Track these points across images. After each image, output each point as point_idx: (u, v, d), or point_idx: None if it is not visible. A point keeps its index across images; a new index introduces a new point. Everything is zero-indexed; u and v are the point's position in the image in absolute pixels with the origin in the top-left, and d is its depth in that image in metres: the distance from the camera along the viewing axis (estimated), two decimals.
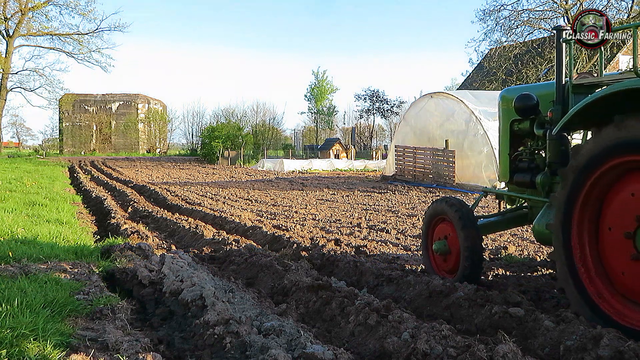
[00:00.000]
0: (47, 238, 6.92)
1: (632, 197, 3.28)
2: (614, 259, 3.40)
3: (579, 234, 3.56)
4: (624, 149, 3.22)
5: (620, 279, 3.35)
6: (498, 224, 5.29)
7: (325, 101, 61.93)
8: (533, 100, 4.56)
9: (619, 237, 3.32)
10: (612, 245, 3.40)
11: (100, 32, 47.60)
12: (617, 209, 3.39)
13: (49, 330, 3.09)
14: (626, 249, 3.25)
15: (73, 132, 59.97)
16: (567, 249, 3.60)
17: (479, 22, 33.64)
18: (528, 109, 4.58)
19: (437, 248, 5.04)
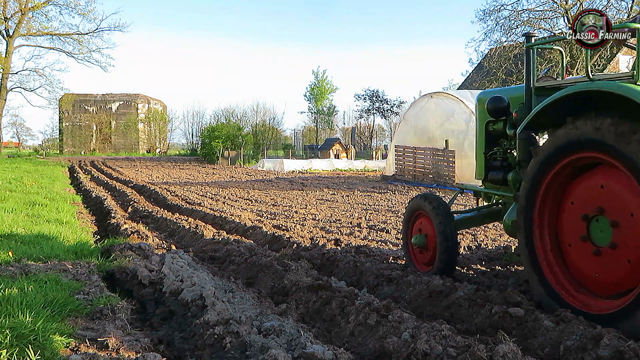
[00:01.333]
0: (47, 238, 6.91)
1: (586, 191, 3.61)
2: (572, 251, 3.69)
3: (540, 228, 3.86)
4: (576, 147, 3.54)
5: (577, 267, 3.67)
6: (474, 219, 5.59)
7: (325, 101, 61.92)
8: (504, 102, 4.80)
9: (577, 218, 3.63)
10: (570, 237, 3.70)
11: (100, 32, 47.53)
12: (572, 204, 3.71)
13: (49, 330, 3.09)
14: (579, 230, 3.59)
15: (73, 132, 59.94)
16: (529, 241, 3.90)
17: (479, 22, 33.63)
18: (500, 111, 4.83)
19: (416, 242, 5.31)
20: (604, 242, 3.48)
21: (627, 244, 3.33)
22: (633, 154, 3.20)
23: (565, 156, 3.65)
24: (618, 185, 3.44)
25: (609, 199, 3.48)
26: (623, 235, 3.36)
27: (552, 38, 4.48)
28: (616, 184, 3.45)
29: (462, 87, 36.71)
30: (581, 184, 3.69)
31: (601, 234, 3.52)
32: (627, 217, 3.34)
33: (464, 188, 5.98)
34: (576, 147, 3.55)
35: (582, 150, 3.53)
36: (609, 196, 3.48)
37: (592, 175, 3.62)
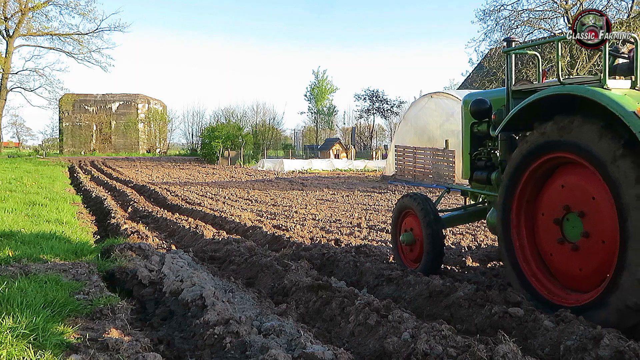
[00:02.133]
0: (47, 238, 6.91)
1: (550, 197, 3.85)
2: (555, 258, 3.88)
3: (517, 224, 4.10)
4: (547, 148, 3.76)
5: (562, 270, 3.86)
6: (460, 218, 5.79)
7: (325, 101, 61.94)
8: (486, 104, 4.97)
9: (549, 225, 3.85)
10: (545, 232, 3.94)
11: (100, 32, 47.56)
12: (547, 200, 3.92)
13: (49, 330, 3.09)
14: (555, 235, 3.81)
15: (73, 132, 59.94)
16: (507, 237, 4.14)
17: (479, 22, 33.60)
18: (482, 113, 5.00)
19: (404, 239, 5.49)
20: (578, 235, 3.67)
21: (597, 226, 3.53)
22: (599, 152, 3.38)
23: (537, 157, 3.87)
24: (575, 179, 3.68)
25: (570, 194, 3.72)
26: (591, 220, 3.59)
27: (529, 43, 4.57)
28: (573, 178, 3.69)
29: (462, 87, 36.71)
30: (545, 193, 3.95)
31: (574, 229, 3.73)
32: (589, 203, 3.58)
33: (450, 187, 6.25)
34: (546, 148, 3.77)
35: (552, 151, 3.74)
36: (569, 192, 3.73)
37: (552, 181, 3.90)
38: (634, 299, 3.16)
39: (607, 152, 3.34)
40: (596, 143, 3.41)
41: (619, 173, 3.27)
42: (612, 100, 3.33)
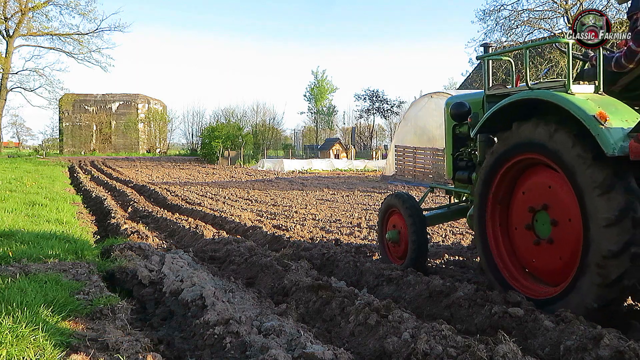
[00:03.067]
0: (47, 238, 6.91)
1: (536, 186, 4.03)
2: (517, 234, 4.17)
3: (492, 220, 4.34)
4: (518, 149, 3.98)
5: (519, 251, 4.16)
6: (443, 216, 6.01)
7: (325, 101, 61.90)
8: (465, 107, 5.19)
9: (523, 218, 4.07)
10: (517, 222, 4.16)
11: (100, 32, 47.50)
12: (523, 194, 4.13)
13: (49, 330, 3.08)
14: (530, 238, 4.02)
15: (73, 132, 59.93)
16: (483, 232, 4.38)
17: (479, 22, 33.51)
18: (461, 115, 5.20)
19: (390, 237, 5.70)
20: (544, 234, 3.90)
21: (562, 243, 3.75)
22: (560, 152, 3.60)
23: (508, 160, 4.10)
24: (561, 189, 3.78)
25: (553, 199, 3.85)
26: (560, 234, 3.76)
27: (504, 49, 4.97)
28: (560, 187, 3.79)
29: (462, 87, 36.70)
30: (533, 177, 4.08)
31: (543, 226, 3.93)
32: (565, 220, 3.72)
33: (434, 187, 6.45)
34: (516, 150, 4.00)
35: (522, 153, 3.96)
36: (554, 197, 3.85)
37: (534, 175, 4.07)
38: (601, 279, 3.35)
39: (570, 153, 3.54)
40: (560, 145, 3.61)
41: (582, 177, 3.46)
42: (573, 104, 3.52)
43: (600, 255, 3.35)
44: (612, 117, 3.43)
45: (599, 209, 3.36)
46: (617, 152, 3.27)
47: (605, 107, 3.51)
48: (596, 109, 3.46)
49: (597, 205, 3.37)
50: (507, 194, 4.29)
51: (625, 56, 3.88)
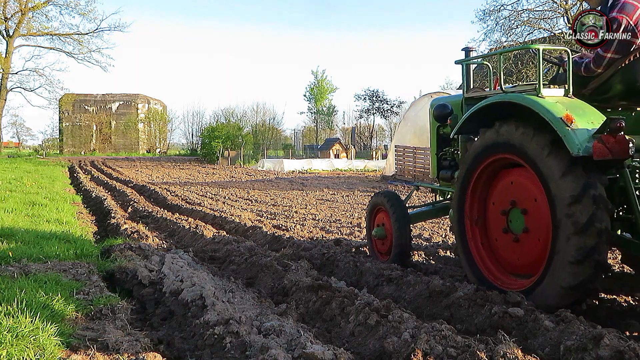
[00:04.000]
0: (47, 238, 6.91)
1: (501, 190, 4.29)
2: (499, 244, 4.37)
3: (469, 217, 4.56)
4: (492, 149, 4.19)
5: (504, 256, 4.34)
6: (428, 213, 6.31)
7: (325, 101, 61.83)
8: (448, 108, 5.39)
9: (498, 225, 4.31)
10: (495, 232, 4.38)
11: (100, 32, 47.45)
12: (493, 204, 4.39)
13: (49, 330, 3.08)
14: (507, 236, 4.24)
15: (73, 132, 59.93)
16: (462, 229, 4.59)
17: (479, 22, 33.44)
18: (444, 116, 5.40)
19: (376, 233, 5.97)
20: (520, 229, 4.11)
21: (536, 225, 3.96)
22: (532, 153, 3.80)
23: (484, 159, 4.31)
24: (523, 179, 4.07)
25: (517, 192, 4.14)
26: (532, 219, 4.00)
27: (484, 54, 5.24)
28: (521, 178, 4.08)
29: (461, 87, 36.61)
30: (497, 185, 4.39)
31: (517, 223, 4.15)
32: (532, 204, 3.98)
33: (419, 185, 6.79)
34: (491, 150, 4.22)
35: (497, 153, 4.19)
36: (517, 190, 4.14)
37: (504, 176, 4.32)
38: (566, 281, 3.58)
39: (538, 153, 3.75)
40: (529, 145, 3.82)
41: (547, 170, 3.69)
42: (542, 106, 3.73)
43: (568, 234, 3.55)
44: (578, 119, 3.62)
45: (563, 192, 3.59)
46: (581, 152, 3.48)
47: (572, 110, 3.70)
48: (564, 111, 3.65)
49: (561, 186, 3.60)
50: (483, 193, 4.51)
51: (594, 61, 4.08)
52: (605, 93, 4.17)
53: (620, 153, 3.50)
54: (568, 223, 3.55)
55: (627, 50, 3.99)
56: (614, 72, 4.05)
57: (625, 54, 4.00)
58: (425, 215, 6.34)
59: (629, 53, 3.98)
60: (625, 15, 3.95)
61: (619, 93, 4.12)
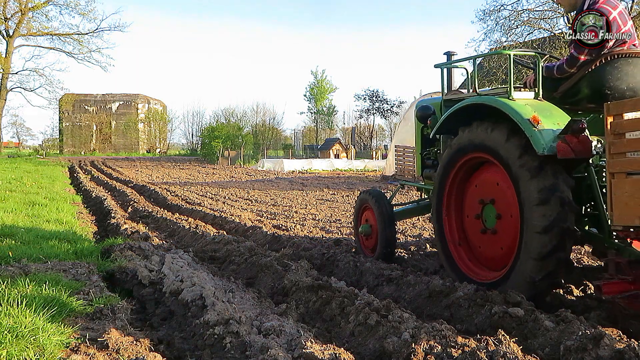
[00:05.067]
0: (47, 238, 6.91)
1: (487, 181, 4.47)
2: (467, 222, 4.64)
3: (447, 213, 4.79)
4: (467, 149, 4.43)
5: (469, 237, 4.66)
6: (412, 211, 6.54)
7: (325, 101, 61.77)
8: (430, 110, 5.57)
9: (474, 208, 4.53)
10: (469, 211, 4.62)
11: (100, 32, 47.53)
12: (476, 187, 4.58)
13: (49, 330, 3.08)
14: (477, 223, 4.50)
15: (73, 132, 59.95)
16: (440, 224, 4.81)
17: (478, 22, 33.37)
18: (426, 117, 5.57)
19: (362, 230, 6.18)
20: (490, 225, 4.36)
21: (506, 221, 4.20)
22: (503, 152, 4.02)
23: (460, 158, 4.55)
24: (496, 177, 4.30)
25: (491, 189, 4.38)
26: (502, 227, 4.23)
27: (460, 59, 5.24)
28: (494, 176, 4.30)
29: (462, 87, 36.61)
30: (476, 179, 4.60)
31: (489, 217, 4.38)
32: (504, 201, 4.20)
33: (403, 184, 7.01)
34: (466, 150, 4.45)
35: (471, 152, 4.41)
36: (491, 187, 4.38)
37: (483, 172, 4.53)
38: (530, 275, 3.82)
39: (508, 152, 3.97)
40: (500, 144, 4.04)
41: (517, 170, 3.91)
42: (512, 109, 3.95)
43: (534, 232, 3.77)
44: (545, 121, 3.84)
45: (530, 191, 3.80)
46: (546, 152, 3.71)
47: (540, 112, 3.92)
48: (531, 113, 3.87)
49: (529, 188, 3.81)
50: (460, 190, 4.78)
51: (567, 62, 4.23)
52: (575, 96, 4.34)
53: (583, 152, 3.75)
54: (534, 222, 3.78)
55: (598, 53, 4.13)
56: (582, 76, 4.21)
57: (597, 57, 4.13)
58: (409, 212, 6.59)
59: (600, 56, 4.12)
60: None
61: (587, 96, 4.27)
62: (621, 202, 3.43)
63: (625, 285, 3.62)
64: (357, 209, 6.44)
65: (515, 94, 4.19)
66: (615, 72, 4.12)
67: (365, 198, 6.24)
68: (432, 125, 5.25)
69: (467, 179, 4.70)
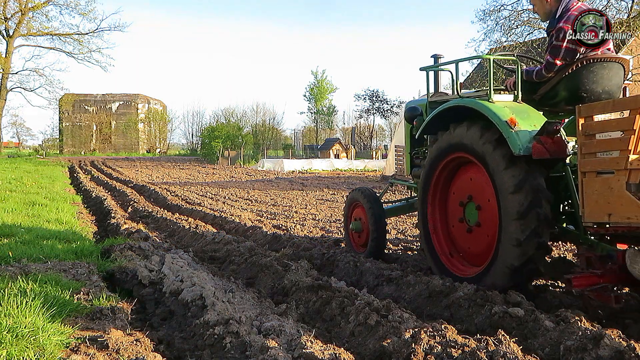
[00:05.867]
0: (47, 238, 6.91)
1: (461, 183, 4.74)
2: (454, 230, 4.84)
3: (431, 210, 5.00)
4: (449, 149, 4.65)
5: (458, 243, 4.84)
6: (402, 208, 6.68)
7: (325, 101, 61.72)
8: (417, 110, 5.71)
9: (456, 214, 4.78)
10: (453, 220, 4.84)
11: (100, 32, 47.49)
12: (454, 194, 4.84)
13: (49, 330, 3.08)
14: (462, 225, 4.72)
15: (73, 132, 59.96)
16: (424, 222, 5.02)
17: (479, 22, 33.37)
18: (411, 118, 5.74)
19: (353, 227, 6.35)
20: (473, 221, 4.57)
21: (487, 222, 4.41)
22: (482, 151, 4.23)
23: (443, 158, 4.74)
24: (477, 176, 4.51)
25: (472, 187, 4.59)
26: (484, 216, 4.44)
27: (444, 62, 5.40)
28: (479, 176, 4.47)
29: (462, 87, 36.55)
30: (459, 178, 4.82)
31: (471, 215, 4.59)
32: (486, 202, 4.41)
33: (393, 182, 7.15)
34: (449, 150, 4.66)
35: (454, 152, 4.62)
36: (475, 186, 4.56)
37: (465, 171, 4.73)
38: (511, 263, 4.01)
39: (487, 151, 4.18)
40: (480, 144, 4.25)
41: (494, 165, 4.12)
42: (491, 111, 4.15)
43: (511, 219, 3.99)
44: (522, 122, 4.04)
45: (505, 180, 4.03)
46: (522, 152, 3.91)
47: (517, 114, 4.12)
48: (509, 115, 4.07)
49: (505, 179, 4.03)
50: (444, 192, 4.97)
51: (545, 68, 4.41)
52: (553, 99, 4.51)
53: (557, 153, 3.97)
54: (511, 209, 4.00)
55: (572, 57, 4.30)
56: (559, 79, 4.38)
57: (570, 61, 4.31)
58: (399, 210, 6.74)
59: (575, 61, 4.30)
60: (570, 26, 4.24)
61: (564, 99, 4.45)
62: (592, 199, 3.61)
63: (594, 279, 3.81)
64: (347, 206, 6.60)
65: (495, 97, 4.40)
66: (591, 75, 4.30)
67: (356, 196, 6.39)
68: (418, 125, 5.41)
69: (450, 178, 4.89)
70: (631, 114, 3.41)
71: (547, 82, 4.47)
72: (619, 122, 3.57)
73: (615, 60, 4.36)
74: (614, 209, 3.46)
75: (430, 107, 5.33)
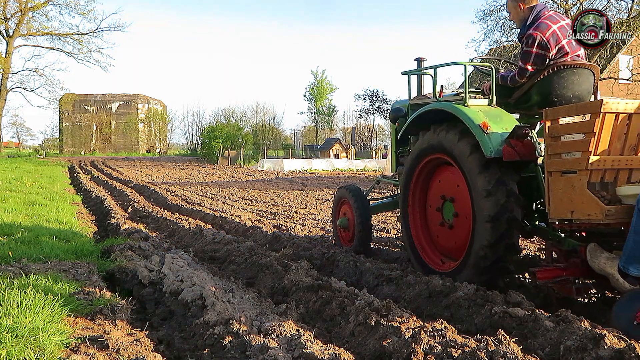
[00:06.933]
0: (47, 238, 6.91)
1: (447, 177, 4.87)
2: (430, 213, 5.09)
3: (412, 208, 5.23)
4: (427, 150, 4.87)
5: (435, 236, 5.06)
6: (387, 205, 6.95)
7: (325, 101, 61.69)
8: (402, 111, 5.87)
9: (435, 202, 4.98)
10: (432, 203, 5.04)
11: (100, 32, 47.34)
12: (439, 182, 5.00)
13: (49, 330, 3.08)
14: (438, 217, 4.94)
15: (73, 132, 59.96)
16: (405, 219, 5.25)
17: (479, 22, 33.39)
18: (394, 118, 5.93)
19: (340, 223, 6.60)
20: (450, 219, 4.78)
21: (462, 221, 4.63)
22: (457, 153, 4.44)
23: (422, 158, 4.95)
24: (453, 176, 4.72)
25: (448, 187, 4.82)
26: (460, 214, 4.67)
27: (426, 67, 5.46)
28: (456, 177, 4.64)
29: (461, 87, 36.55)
30: (438, 177, 5.03)
31: (448, 213, 4.81)
32: (461, 202, 4.62)
33: (379, 180, 7.36)
34: (427, 150, 4.87)
35: (431, 153, 4.82)
36: (452, 186, 4.75)
37: (444, 171, 4.93)
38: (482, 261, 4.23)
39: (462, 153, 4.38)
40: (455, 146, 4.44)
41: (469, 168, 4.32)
42: (465, 114, 4.35)
43: (484, 221, 4.18)
44: (494, 126, 4.22)
45: (479, 184, 4.21)
46: (493, 155, 4.09)
47: (490, 118, 4.30)
48: (482, 119, 4.25)
49: (478, 182, 4.23)
50: (424, 189, 5.20)
51: (518, 73, 4.58)
52: (526, 102, 4.71)
53: (527, 155, 4.15)
54: (484, 212, 4.18)
55: (542, 62, 4.48)
56: (532, 84, 4.56)
57: (540, 67, 4.49)
58: (384, 207, 6.99)
59: (545, 67, 4.48)
60: (539, 32, 4.42)
61: (537, 103, 4.62)
62: (556, 197, 3.83)
63: (557, 272, 4.03)
64: (335, 203, 6.82)
65: (471, 101, 4.59)
66: (562, 81, 4.47)
67: (343, 193, 6.61)
68: (401, 126, 5.57)
69: (429, 178, 5.13)
70: (592, 117, 3.59)
71: (521, 87, 4.65)
72: (580, 125, 3.76)
73: (585, 67, 4.54)
74: (576, 207, 3.68)
75: (412, 109, 5.49)
